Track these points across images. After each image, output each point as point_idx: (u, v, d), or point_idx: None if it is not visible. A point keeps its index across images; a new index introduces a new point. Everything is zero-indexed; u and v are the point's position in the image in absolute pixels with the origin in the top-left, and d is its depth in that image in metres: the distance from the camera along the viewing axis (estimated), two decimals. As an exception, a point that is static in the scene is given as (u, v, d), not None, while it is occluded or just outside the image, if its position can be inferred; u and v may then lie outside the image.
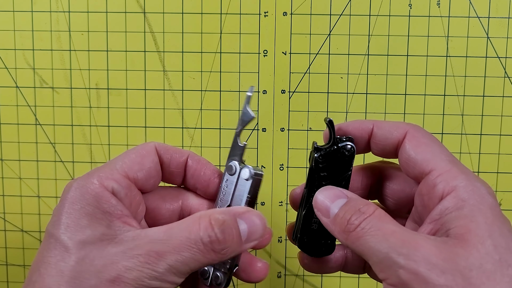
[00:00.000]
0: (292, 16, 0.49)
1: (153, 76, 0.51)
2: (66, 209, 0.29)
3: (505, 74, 0.49)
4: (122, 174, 0.31)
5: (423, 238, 0.27)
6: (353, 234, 0.28)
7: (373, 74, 0.50)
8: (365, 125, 0.33)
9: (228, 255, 0.30)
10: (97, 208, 0.29)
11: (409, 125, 0.32)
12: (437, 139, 0.31)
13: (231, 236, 0.29)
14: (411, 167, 0.30)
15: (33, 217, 0.53)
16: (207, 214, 0.30)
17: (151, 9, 0.50)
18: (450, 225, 0.27)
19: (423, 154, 0.30)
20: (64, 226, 0.29)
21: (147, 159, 0.32)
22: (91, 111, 0.52)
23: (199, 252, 0.28)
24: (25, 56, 0.52)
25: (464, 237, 0.26)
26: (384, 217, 0.28)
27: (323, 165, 0.33)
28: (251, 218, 0.31)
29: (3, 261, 0.54)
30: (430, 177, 0.29)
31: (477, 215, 0.27)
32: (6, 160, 0.53)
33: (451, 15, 0.49)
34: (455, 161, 0.30)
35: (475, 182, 0.28)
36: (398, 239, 0.26)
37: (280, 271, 0.52)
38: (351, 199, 0.30)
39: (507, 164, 0.50)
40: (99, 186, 0.30)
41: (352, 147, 0.33)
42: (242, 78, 0.50)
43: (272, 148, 0.51)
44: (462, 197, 0.28)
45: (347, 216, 0.29)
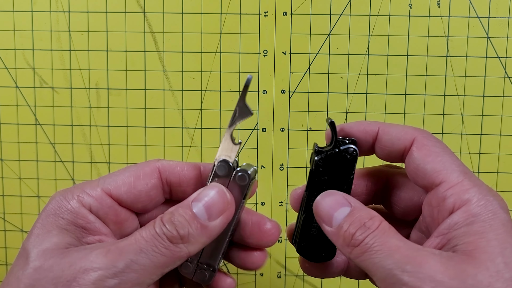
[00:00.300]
0: (292, 16, 0.49)
1: (153, 76, 0.51)
2: (41, 221, 0.29)
3: (505, 74, 0.49)
4: (106, 192, 0.30)
5: (429, 254, 0.26)
6: (357, 249, 0.27)
7: (373, 74, 0.50)
8: (370, 128, 0.31)
9: (195, 242, 0.28)
10: (71, 223, 0.29)
11: (417, 131, 0.30)
12: (447, 146, 0.30)
13: (182, 223, 0.28)
14: (420, 177, 0.29)
15: (33, 217, 0.53)
16: (162, 214, 0.29)
17: (151, 9, 0.50)
18: (458, 241, 0.26)
19: (433, 164, 0.29)
20: (34, 236, 0.29)
21: (140, 182, 0.31)
22: (91, 111, 0.52)
23: (160, 245, 0.27)
24: (25, 56, 0.52)
25: (473, 254, 0.25)
26: (388, 231, 0.27)
27: (324, 168, 0.32)
28: (204, 194, 0.29)
29: (3, 261, 0.54)
30: (440, 189, 0.28)
31: (487, 232, 0.26)
32: (6, 160, 0.53)
33: (451, 15, 0.49)
34: (466, 171, 0.28)
35: (488, 196, 0.27)
36: (403, 255, 0.26)
37: (280, 271, 0.52)
38: (355, 209, 0.29)
39: (507, 164, 0.50)
40: (77, 201, 0.29)
41: (355, 150, 0.31)
42: (242, 78, 0.50)
43: (272, 148, 0.51)
44: (473, 212, 0.26)
45: (351, 230, 0.28)
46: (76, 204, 0.29)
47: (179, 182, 0.32)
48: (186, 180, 0.32)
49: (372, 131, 0.31)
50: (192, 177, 0.32)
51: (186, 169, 0.32)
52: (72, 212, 0.29)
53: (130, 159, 0.52)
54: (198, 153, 0.51)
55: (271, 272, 0.52)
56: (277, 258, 0.52)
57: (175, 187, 0.32)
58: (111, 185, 0.31)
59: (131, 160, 0.52)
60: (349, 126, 0.32)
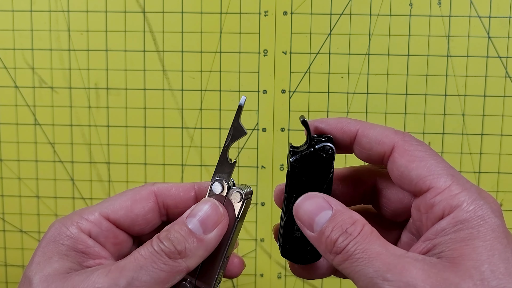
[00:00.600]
0: (293, 15, 0.49)
1: (153, 76, 0.51)
2: (41, 248, 0.30)
3: (506, 74, 0.49)
4: (104, 216, 0.31)
5: (411, 261, 0.25)
6: (339, 257, 0.26)
7: (373, 74, 0.49)
8: (348, 127, 0.30)
9: (194, 256, 0.29)
10: (71, 248, 0.30)
11: (397, 136, 0.29)
12: (431, 148, 0.29)
13: (179, 239, 0.29)
14: (406, 184, 0.28)
15: (32, 217, 0.53)
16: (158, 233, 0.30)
17: (151, 9, 0.50)
18: (444, 247, 0.26)
19: (417, 170, 0.27)
20: (35, 264, 0.29)
21: (137, 206, 0.32)
22: (90, 111, 0.52)
23: (159, 261, 0.28)
24: (24, 56, 0.51)
25: (457, 261, 0.24)
26: (370, 237, 0.26)
27: (300, 169, 0.30)
28: (197, 209, 0.30)
29: (2, 262, 0.54)
30: (428, 196, 0.27)
31: (474, 238, 0.25)
32: (5, 160, 0.53)
33: (452, 14, 0.48)
34: (453, 174, 0.27)
35: (478, 200, 0.26)
36: (384, 263, 0.25)
37: (280, 271, 0.52)
38: (336, 212, 0.28)
39: (508, 164, 0.50)
40: (76, 227, 0.30)
41: (331, 148, 0.30)
42: (242, 78, 0.50)
43: (272, 148, 0.51)
44: (461, 218, 0.26)
45: (333, 237, 0.27)
46: (75, 230, 0.30)
47: (176, 204, 0.33)
48: (182, 202, 0.33)
49: (350, 131, 0.30)
50: (189, 198, 0.33)
51: (182, 191, 0.33)
52: (72, 238, 0.30)
53: (130, 159, 0.52)
54: (198, 153, 0.51)
55: (271, 273, 0.52)
56: (277, 259, 0.52)
57: (172, 209, 0.33)
58: (108, 209, 0.32)
59: (131, 160, 0.52)
60: (327, 124, 0.31)
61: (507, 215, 0.50)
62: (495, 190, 0.50)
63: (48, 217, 0.53)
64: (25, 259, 0.54)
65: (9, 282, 0.54)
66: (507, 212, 0.50)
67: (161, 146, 0.52)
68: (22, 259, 0.54)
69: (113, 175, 0.52)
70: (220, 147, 0.51)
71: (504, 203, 0.50)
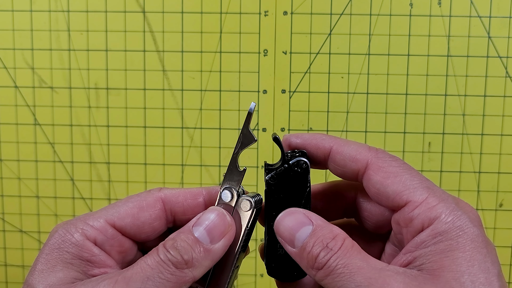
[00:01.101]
0: (293, 15, 0.49)
1: (153, 75, 0.51)
2: (44, 255, 0.29)
3: (506, 74, 0.49)
4: (110, 223, 0.30)
5: (391, 275, 0.25)
6: (321, 272, 0.26)
7: (374, 73, 0.49)
8: (322, 144, 0.30)
9: (200, 265, 0.29)
10: (76, 256, 0.29)
11: (370, 153, 0.29)
12: (405, 162, 0.29)
13: (185, 248, 0.28)
14: (384, 200, 0.28)
15: (32, 217, 0.53)
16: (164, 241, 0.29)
17: (151, 9, 0.50)
18: (424, 260, 0.26)
19: (393, 186, 0.28)
20: (38, 272, 0.29)
21: (143, 213, 0.31)
22: (90, 111, 0.52)
23: (166, 271, 0.28)
24: (24, 56, 0.51)
25: (438, 273, 0.25)
26: (351, 251, 0.26)
27: (276, 186, 0.30)
28: (204, 218, 0.30)
29: (2, 262, 0.54)
30: (407, 210, 0.27)
31: (454, 250, 0.25)
32: (5, 160, 0.53)
33: (452, 14, 0.48)
34: (429, 186, 0.28)
35: (455, 211, 0.26)
36: (365, 277, 0.25)
37: (280, 271, 0.52)
38: (317, 227, 0.28)
39: (508, 164, 0.50)
40: (81, 235, 0.29)
41: (305, 163, 0.30)
42: (242, 77, 0.50)
43: (272, 148, 0.51)
44: (440, 229, 0.26)
45: (314, 252, 0.27)
46: (80, 237, 0.29)
47: (183, 212, 0.32)
48: (190, 209, 0.32)
49: (325, 147, 0.30)
50: (197, 205, 0.32)
51: (190, 198, 0.32)
52: (77, 245, 0.29)
53: (130, 159, 0.52)
54: (198, 153, 0.51)
55: (271, 273, 0.52)
56: (277, 259, 0.52)
57: (180, 216, 0.32)
58: (114, 216, 0.31)
59: (131, 160, 0.52)
60: (302, 139, 0.31)
61: (507, 215, 0.50)
62: (495, 190, 0.50)
63: (48, 217, 0.53)
64: (25, 259, 0.54)
65: (9, 282, 0.54)
66: (507, 212, 0.50)
67: (161, 146, 0.52)
68: (22, 259, 0.54)
69: (113, 175, 0.52)
70: (220, 147, 0.51)
71: (504, 203, 0.50)
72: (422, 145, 0.50)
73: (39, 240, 0.54)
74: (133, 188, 0.52)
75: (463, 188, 0.50)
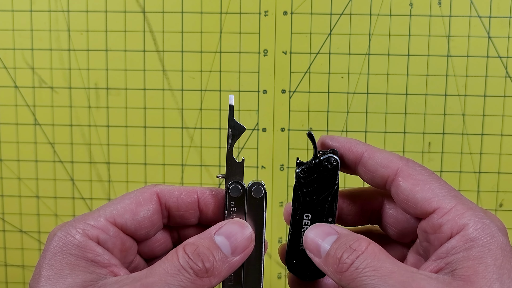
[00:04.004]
0: (293, 15, 0.49)
1: (153, 75, 0.51)
2: (47, 261, 0.28)
3: (506, 74, 0.49)
4: (110, 221, 0.30)
5: (425, 278, 0.25)
6: (347, 275, 0.26)
7: (374, 73, 0.49)
8: (356, 148, 0.31)
9: (219, 275, 0.28)
10: (80, 258, 0.28)
11: (401, 161, 0.30)
12: (433, 172, 0.30)
13: (208, 256, 0.28)
14: (411, 207, 0.29)
15: (32, 217, 0.53)
16: (182, 243, 0.29)
17: (151, 9, 0.50)
18: (456, 265, 0.26)
19: (422, 193, 0.28)
20: (44, 278, 0.27)
21: (142, 208, 0.31)
22: (90, 111, 0.52)
23: (186, 279, 0.27)
24: (24, 56, 0.51)
25: (471, 279, 0.25)
26: (379, 254, 0.26)
27: (305, 180, 0.31)
28: (228, 229, 0.30)
29: (2, 262, 0.54)
30: (435, 217, 0.28)
31: (486, 257, 0.26)
32: (5, 160, 0.53)
33: (452, 14, 0.48)
34: (457, 195, 0.28)
35: (484, 219, 0.27)
36: (398, 281, 0.25)
37: (280, 272, 0.52)
38: (341, 235, 0.29)
39: (509, 164, 0.50)
40: (82, 235, 0.29)
41: (336, 160, 0.31)
42: (242, 78, 0.50)
43: (272, 148, 0.51)
44: (471, 236, 0.26)
45: (338, 254, 0.27)
46: (82, 237, 0.29)
47: (177, 207, 0.32)
48: (184, 205, 0.32)
49: (358, 152, 0.31)
50: (190, 202, 0.32)
51: (184, 194, 0.32)
52: (80, 246, 0.28)
53: (130, 159, 0.52)
54: (198, 153, 0.51)
55: (271, 273, 0.52)
56: (277, 259, 0.52)
57: (173, 211, 0.32)
58: (113, 213, 0.30)
59: (131, 160, 0.52)
60: (336, 141, 0.32)
61: (507, 215, 0.50)
62: (495, 190, 0.50)
63: (48, 217, 0.53)
64: (25, 259, 0.54)
65: (9, 282, 0.54)
66: (507, 212, 0.50)
67: (161, 146, 0.52)
68: (22, 259, 0.54)
69: (113, 175, 0.52)
70: (220, 147, 0.51)
71: (504, 203, 0.50)
72: (422, 145, 0.50)
73: (39, 240, 0.54)
74: (133, 188, 0.51)
75: (463, 188, 0.50)
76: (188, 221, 0.33)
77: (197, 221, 0.34)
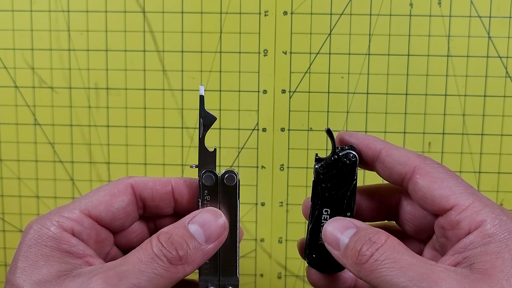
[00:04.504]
0: (293, 15, 0.49)
1: (153, 75, 0.51)
2: (23, 253, 0.29)
3: (507, 74, 0.49)
4: (85, 213, 0.31)
5: (444, 271, 0.26)
6: (366, 267, 0.27)
7: (374, 73, 0.49)
8: (374, 145, 0.32)
9: (193, 263, 0.29)
10: (55, 249, 0.29)
11: (419, 159, 0.31)
12: (450, 170, 0.30)
13: (181, 244, 0.28)
14: (429, 204, 0.30)
15: (32, 217, 0.53)
16: (156, 233, 0.29)
17: (151, 9, 0.50)
18: (475, 260, 0.27)
19: (440, 190, 0.29)
20: (20, 270, 0.28)
21: (116, 199, 0.32)
22: (90, 111, 0.52)
23: (160, 267, 0.28)
24: (24, 56, 0.51)
25: (489, 273, 0.26)
26: (398, 247, 0.27)
27: (324, 175, 0.32)
28: (201, 218, 0.30)
29: (2, 262, 0.54)
30: (453, 213, 0.28)
31: (503, 252, 0.26)
32: (5, 160, 0.53)
33: (452, 14, 0.48)
34: (474, 192, 0.29)
35: (501, 216, 0.28)
36: (417, 273, 0.26)
37: (280, 272, 0.52)
38: (360, 228, 0.29)
39: (509, 164, 0.50)
40: (57, 227, 0.29)
41: (354, 156, 0.32)
42: (242, 78, 0.50)
43: (272, 148, 0.51)
44: (488, 232, 0.27)
45: (357, 247, 0.28)
46: (57, 229, 0.29)
47: (152, 197, 0.33)
48: (158, 195, 0.33)
49: (376, 148, 0.32)
50: (165, 192, 0.33)
51: (159, 185, 0.33)
52: (54, 238, 0.29)
53: (130, 159, 0.52)
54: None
55: (271, 273, 0.52)
56: (278, 259, 0.52)
57: (148, 202, 0.33)
58: (88, 205, 0.31)
59: (131, 160, 0.52)
60: (355, 137, 0.33)
61: (507, 215, 0.50)
62: (495, 190, 0.50)
63: (48, 217, 0.53)
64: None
65: (9, 282, 0.54)
66: (507, 212, 0.50)
67: (161, 146, 0.52)
68: (22, 259, 0.54)
69: (113, 175, 0.52)
70: (220, 147, 0.51)
71: (504, 203, 0.50)
72: (422, 145, 0.50)
73: (39, 240, 0.53)
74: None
75: (463, 188, 0.50)
76: (164, 211, 0.34)
77: (172, 211, 0.34)
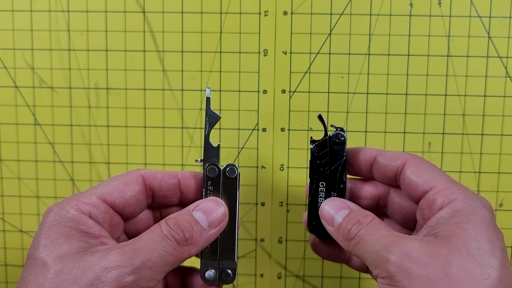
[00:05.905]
0: (293, 15, 0.49)
1: (153, 75, 0.51)
2: (45, 232, 0.32)
3: (507, 74, 0.49)
4: (101, 198, 0.34)
5: (410, 238, 0.30)
6: (353, 242, 0.32)
7: (374, 73, 0.49)
8: (370, 151, 0.37)
9: (197, 244, 0.33)
10: (74, 229, 0.32)
11: (408, 155, 0.36)
12: (435, 165, 0.35)
13: (187, 228, 0.32)
14: (414, 189, 0.34)
15: (32, 217, 0.53)
16: (164, 218, 0.33)
17: (151, 9, 0.50)
18: (439, 229, 0.30)
19: (423, 176, 0.34)
20: (42, 246, 0.31)
21: (129, 188, 0.35)
22: (90, 111, 0.52)
23: (169, 246, 0.31)
24: (24, 56, 0.51)
25: (449, 239, 0.29)
26: (379, 225, 0.32)
27: (319, 154, 0.38)
28: (205, 205, 0.35)
29: (2, 262, 0.54)
30: (430, 193, 0.33)
31: (465, 222, 0.30)
32: (5, 160, 0.53)
33: (452, 14, 0.48)
34: (453, 181, 0.33)
35: (472, 197, 0.31)
36: (388, 241, 0.30)
37: (280, 271, 0.52)
38: (352, 210, 0.34)
39: (509, 164, 0.50)
40: (76, 210, 0.32)
41: (343, 136, 0.38)
42: (242, 78, 0.50)
43: (272, 148, 0.51)
44: (456, 208, 0.31)
45: (348, 226, 0.33)
46: (76, 212, 0.32)
47: (160, 187, 0.37)
48: (166, 186, 0.37)
49: (371, 153, 0.37)
50: (172, 184, 0.37)
51: (166, 176, 0.37)
52: (74, 219, 0.32)
53: (130, 159, 0.52)
54: (198, 153, 0.51)
55: (271, 273, 0.52)
56: (277, 259, 0.52)
57: (157, 191, 0.37)
58: (104, 192, 0.34)
59: (131, 160, 0.52)
60: (357, 152, 0.38)
61: (507, 215, 0.50)
62: (495, 190, 0.50)
63: (48, 217, 0.53)
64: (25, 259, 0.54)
65: (9, 282, 0.54)
66: (507, 212, 0.50)
67: (161, 146, 0.52)
68: (22, 259, 0.54)
69: (113, 175, 0.52)
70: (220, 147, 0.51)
71: (504, 203, 0.50)
72: (422, 145, 0.50)
73: (39, 240, 0.54)
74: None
75: (463, 188, 0.50)
76: (170, 201, 0.38)
77: (178, 201, 0.38)
